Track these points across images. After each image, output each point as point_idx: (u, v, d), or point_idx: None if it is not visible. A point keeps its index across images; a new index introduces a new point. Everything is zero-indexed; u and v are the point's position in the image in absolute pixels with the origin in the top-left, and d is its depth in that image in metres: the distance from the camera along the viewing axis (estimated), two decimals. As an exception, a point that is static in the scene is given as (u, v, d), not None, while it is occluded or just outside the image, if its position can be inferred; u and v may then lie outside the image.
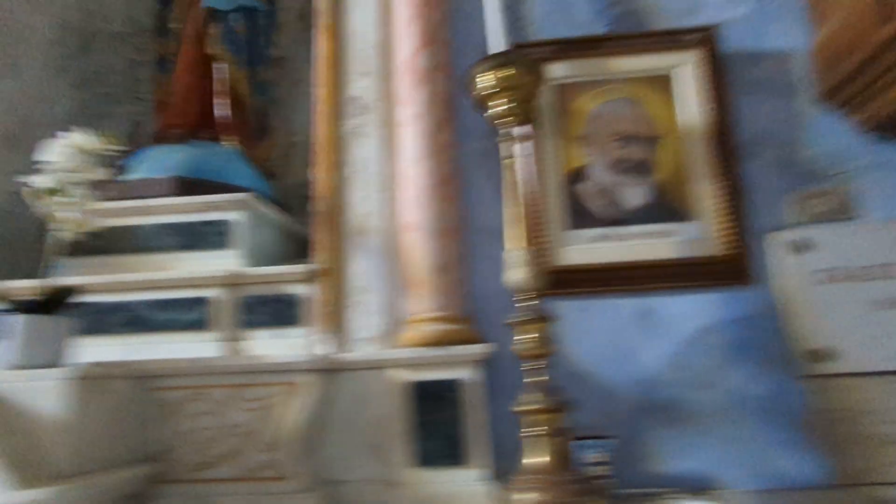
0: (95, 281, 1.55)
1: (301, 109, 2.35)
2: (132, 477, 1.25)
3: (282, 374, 1.34)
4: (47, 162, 1.31)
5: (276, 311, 1.56)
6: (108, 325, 1.56)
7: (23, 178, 1.31)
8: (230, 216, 1.70)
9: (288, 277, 1.57)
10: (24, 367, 1.21)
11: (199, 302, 1.56)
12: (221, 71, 1.98)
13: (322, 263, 1.56)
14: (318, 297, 1.54)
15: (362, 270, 1.55)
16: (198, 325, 1.55)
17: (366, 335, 1.50)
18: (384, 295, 1.53)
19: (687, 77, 1.59)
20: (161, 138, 1.95)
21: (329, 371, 1.41)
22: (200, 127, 1.95)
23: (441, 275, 1.48)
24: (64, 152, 1.32)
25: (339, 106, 1.67)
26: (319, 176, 1.63)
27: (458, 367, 1.38)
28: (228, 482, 1.29)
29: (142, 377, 1.35)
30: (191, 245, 1.68)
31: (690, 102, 1.57)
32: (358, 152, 1.64)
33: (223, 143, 1.97)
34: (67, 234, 1.31)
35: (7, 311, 1.25)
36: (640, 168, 1.56)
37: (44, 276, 1.30)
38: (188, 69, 1.96)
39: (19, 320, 1.24)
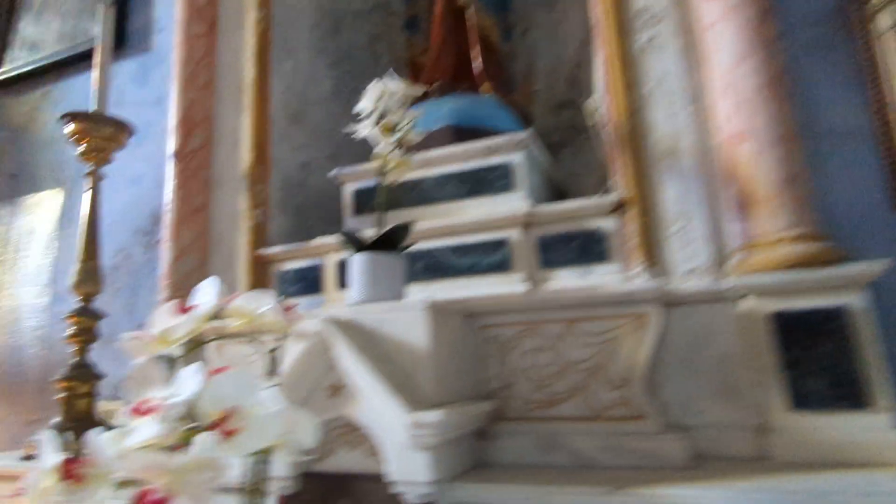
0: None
1: (539, 56, 2.26)
2: (481, 411, 1.23)
3: (623, 305, 1.22)
4: (368, 110, 1.36)
5: (581, 248, 1.45)
6: (412, 272, 1.59)
7: (349, 130, 1.37)
8: (511, 158, 1.64)
9: (590, 211, 1.45)
10: (369, 302, 1.25)
11: (500, 244, 1.52)
12: (472, 19, 1.95)
13: (627, 192, 1.42)
14: (627, 229, 1.41)
15: (676, 195, 1.38)
16: (500, 266, 1.51)
17: (692, 265, 1.33)
18: (707, 220, 1.34)
19: None
20: (421, 95, 1.97)
21: (664, 305, 1.27)
22: (457, 79, 1.94)
23: (788, 187, 1.24)
24: (381, 97, 1.35)
25: (623, 23, 1.52)
26: (611, 100, 1.49)
27: (839, 292, 1.13)
28: (576, 420, 1.21)
29: (474, 314, 1.33)
30: (475, 191, 1.66)
31: None
32: (653, 67, 1.46)
33: (481, 92, 1.94)
34: (396, 176, 1.34)
35: (353, 252, 1.31)
36: None
37: (376, 223, 1.34)
38: (441, 23, 1.96)
39: (365, 258, 1.29)
